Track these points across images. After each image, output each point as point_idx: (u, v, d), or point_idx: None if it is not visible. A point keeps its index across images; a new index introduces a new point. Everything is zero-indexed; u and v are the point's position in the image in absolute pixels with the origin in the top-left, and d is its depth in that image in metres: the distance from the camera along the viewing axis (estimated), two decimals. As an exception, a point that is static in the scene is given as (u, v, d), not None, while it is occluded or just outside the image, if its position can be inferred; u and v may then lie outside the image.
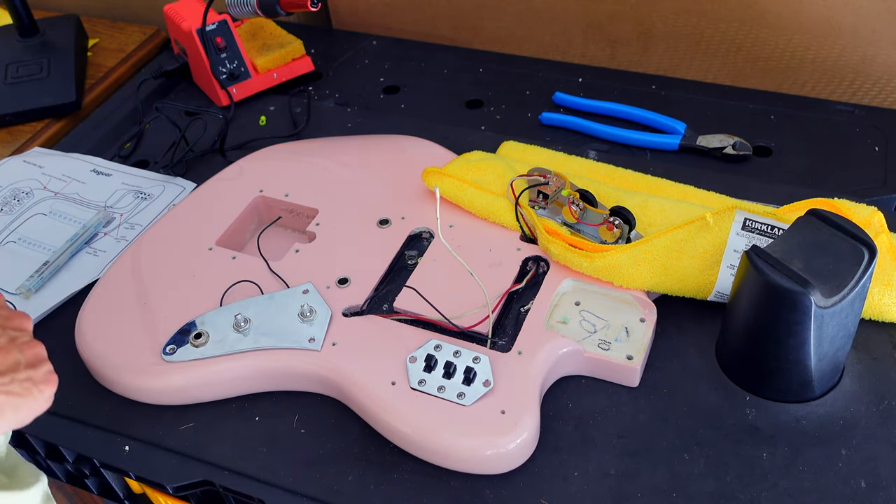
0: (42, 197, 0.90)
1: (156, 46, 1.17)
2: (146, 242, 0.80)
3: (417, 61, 1.09)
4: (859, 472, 0.61)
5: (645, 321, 0.69)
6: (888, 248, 0.70)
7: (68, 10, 1.26)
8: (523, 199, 0.78)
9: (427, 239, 0.79)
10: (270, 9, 0.97)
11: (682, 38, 1.01)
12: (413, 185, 0.83)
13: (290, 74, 1.05)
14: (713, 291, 0.70)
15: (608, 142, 0.93)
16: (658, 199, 0.78)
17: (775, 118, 0.94)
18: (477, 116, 0.99)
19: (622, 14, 1.03)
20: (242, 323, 0.70)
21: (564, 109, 0.98)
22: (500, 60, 1.08)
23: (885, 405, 0.65)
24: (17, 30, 1.12)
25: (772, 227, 0.68)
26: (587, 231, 0.75)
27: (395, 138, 0.93)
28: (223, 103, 1.02)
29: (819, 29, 0.94)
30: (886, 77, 0.94)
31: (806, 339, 0.60)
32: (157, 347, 0.70)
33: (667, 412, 0.66)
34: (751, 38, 0.98)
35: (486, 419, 0.62)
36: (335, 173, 0.86)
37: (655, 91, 0.99)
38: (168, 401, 0.70)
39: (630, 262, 0.71)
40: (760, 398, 0.66)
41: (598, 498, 0.61)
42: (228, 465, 0.66)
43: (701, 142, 0.90)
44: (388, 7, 1.15)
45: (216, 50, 1.00)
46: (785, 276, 0.59)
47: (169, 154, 0.95)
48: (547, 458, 0.63)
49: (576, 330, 0.69)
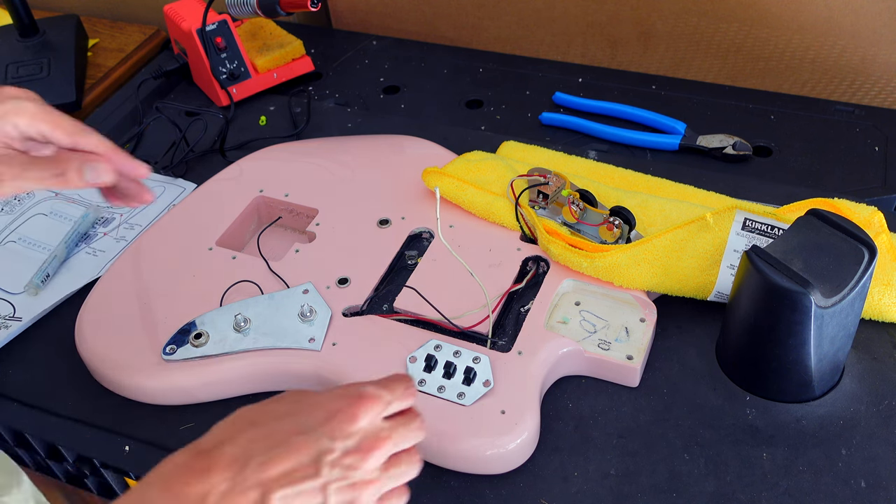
0: (42, 197, 0.90)
1: (156, 46, 1.17)
2: (146, 242, 0.80)
3: (417, 61, 1.09)
4: (859, 472, 0.61)
5: (645, 321, 0.69)
6: (888, 248, 0.70)
7: (68, 10, 1.26)
8: (523, 199, 0.78)
9: (427, 239, 0.79)
10: (270, 9, 0.97)
11: (682, 38, 1.01)
12: (413, 185, 0.83)
13: (290, 74, 1.05)
14: (713, 291, 0.70)
15: (608, 142, 0.93)
16: (658, 199, 0.78)
17: (775, 118, 0.94)
18: (477, 116, 0.99)
19: (622, 14, 1.03)
20: (242, 323, 0.70)
21: (564, 109, 0.98)
22: (500, 60, 1.08)
23: (885, 405, 0.65)
24: (17, 30, 1.12)
25: (772, 227, 0.68)
26: (587, 231, 0.75)
27: (395, 138, 0.93)
28: (223, 103, 1.02)
29: (819, 29, 0.94)
30: (886, 77, 0.94)
31: (806, 339, 0.60)
32: (157, 347, 0.70)
33: (667, 412, 0.66)
34: (751, 38, 0.98)
35: (486, 419, 0.62)
36: (335, 173, 0.86)
37: (655, 91, 0.99)
38: (168, 401, 0.70)
39: (630, 262, 0.71)
40: (760, 398, 0.66)
41: (598, 498, 0.61)
42: (228, 465, 0.65)
43: (701, 142, 0.90)
44: (388, 7, 1.15)
45: (216, 50, 1.00)
46: (785, 276, 0.59)
47: (169, 154, 0.95)
48: (547, 458, 0.63)
49: (576, 330, 0.69)
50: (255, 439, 0.44)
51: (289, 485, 0.43)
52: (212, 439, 0.45)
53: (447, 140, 0.91)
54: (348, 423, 0.46)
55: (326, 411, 0.46)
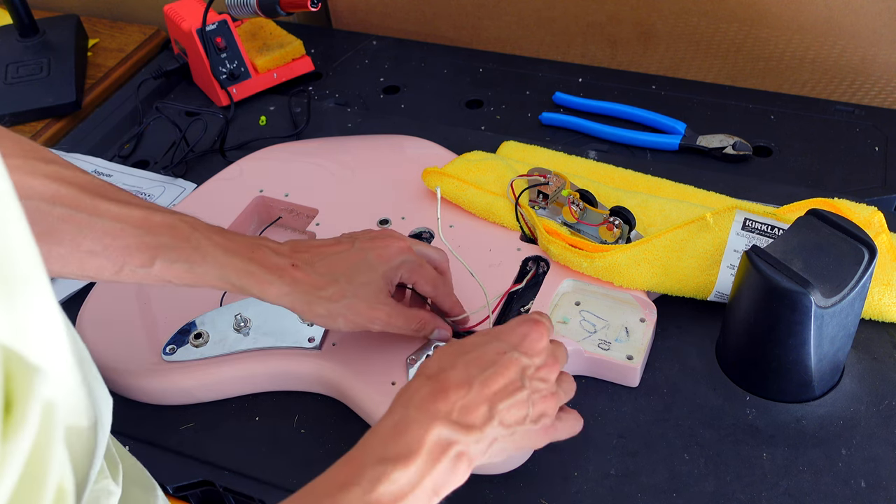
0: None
1: (156, 46, 1.17)
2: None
3: (417, 61, 1.09)
4: (859, 472, 0.61)
5: (645, 321, 0.69)
6: (888, 248, 0.70)
7: (68, 10, 1.26)
8: (523, 199, 0.78)
9: (427, 239, 0.79)
10: (270, 9, 0.97)
11: (682, 38, 1.01)
12: (413, 185, 0.83)
13: (290, 74, 1.05)
14: (713, 291, 0.70)
15: (608, 142, 0.93)
16: (658, 199, 0.78)
17: (775, 118, 0.94)
18: (477, 116, 0.99)
19: (622, 14, 1.03)
20: (242, 323, 0.70)
21: (564, 109, 0.98)
22: (500, 60, 1.08)
23: (885, 405, 0.65)
24: (17, 30, 1.12)
25: (772, 227, 0.68)
26: (587, 231, 0.75)
27: (395, 138, 0.93)
28: (223, 103, 1.02)
29: (819, 29, 0.94)
30: (886, 77, 0.94)
31: (806, 340, 0.60)
32: (157, 347, 0.70)
33: (667, 412, 0.66)
34: (751, 38, 0.98)
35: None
36: (335, 173, 0.86)
37: (655, 91, 0.99)
38: (168, 401, 0.70)
39: (630, 262, 0.71)
40: (760, 398, 0.66)
41: (598, 498, 0.61)
42: (228, 465, 0.65)
43: (701, 142, 0.90)
44: (388, 7, 1.15)
45: (216, 50, 1.00)
46: (785, 276, 0.59)
47: (169, 154, 0.95)
48: (547, 458, 0.63)
49: (576, 330, 0.69)
50: (470, 363, 0.53)
51: (507, 397, 0.52)
52: (434, 366, 0.53)
53: (447, 140, 0.91)
54: (537, 341, 0.55)
55: (518, 335, 0.55)
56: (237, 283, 0.59)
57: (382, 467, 0.47)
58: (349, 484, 0.46)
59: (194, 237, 0.58)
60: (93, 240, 0.55)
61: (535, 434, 0.56)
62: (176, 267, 0.57)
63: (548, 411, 0.55)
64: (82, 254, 0.55)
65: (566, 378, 0.60)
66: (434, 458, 0.48)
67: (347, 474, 0.47)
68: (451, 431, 0.49)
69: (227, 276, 0.59)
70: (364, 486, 0.46)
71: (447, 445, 0.49)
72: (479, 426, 0.50)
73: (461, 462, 0.50)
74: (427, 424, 0.49)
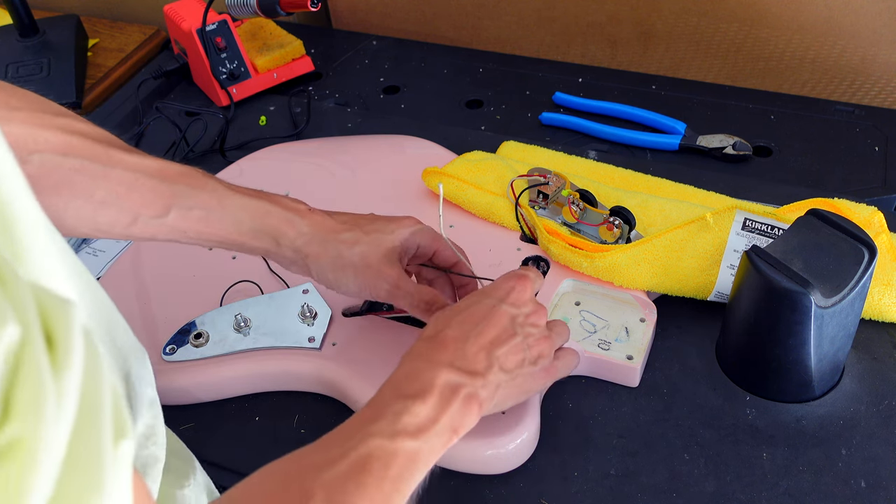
0: (42, 197, 0.90)
1: (156, 46, 1.17)
2: (146, 242, 0.80)
3: (417, 61, 1.09)
4: (859, 472, 0.61)
5: (645, 321, 0.69)
6: (888, 248, 0.70)
7: (68, 10, 1.26)
8: (523, 199, 0.78)
9: (427, 239, 0.79)
10: (270, 9, 0.97)
11: (682, 38, 1.01)
12: (413, 185, 0.83)
13: (290, 74, 1.05)
14: (713, 291, 0.70)
15: (608, 142, 0.93)
16: (658, 199, 0.78)
17: (775, 118, 0.94)
18: (477, 116, 0.99)
19: (622, 14, 1.03)
20: (242, 323, 0.70)
21: (564, 109, 0.98)
22: (500, 60, 1.08)
23: (885, 405, 0.65)
24: (17, 30, 1.12)
25: (772, 227, 0.68)
26: (587, 231, 0.75)
27: (395, 138, 0.93)
28: (223, 103, 1.02)
29: (819, 29, 0.94)
30: (886, 77, 0.94)
31: (806, 339, 0.60)
32: (157, 347, 0.70)
33: (667, 412, 0.66)
34: (751, 38, 0.98)
35: (486, 419, 0.62)
36: (335, 173, 0.86)
37: (655, 91, 0.99)
38: (168, 401, 0.70)
39: (630, 262, 0.71)
40: (760, 398, 0.66)
41: (598, 498, 0.61)
42: (228, 465, 0.65)
43: (701, 142, 0.90)
44: (388, 7, 1.15)
45: (216, 50, 1.00)
46: (785, 276, 0.59)
47: (169, 154, 0.95)
48: (547, 458, 0.63)
49: (576, 330, 0.69)
50: (464, 321, 0.55)
51: (502, 344, 0.55)
52: (431, 329, 0.55)
53: (447, 140, 0.91)
54: (523, 292, 0.58)
55: (504, 289, 0.58)
56: (254, 226, 0.59)
57: (403, 402, 0.49)
58: (375, 418, 0.48)
59: (210, 184, 0.58)
60: (106, 189, 0.54)
61: (537, 376, 0.58)
62: (192, 215, 0.57)
63: (544, 352, 0.58)
64: (95, 204, 0.54)
65: (558, 322, 0.63)
66: (446, 399, 0.51)
67: (371, 413, 0.49)
68: (457, 376, 0.52)
69: (244, 220, 0.59)
70: (389, 418, 0.48)
71: (457, 387, 0.51)
72: (481, 372, 0.53)
73: (472, 403, 0.52)
74: (434, 371, 0.51)
